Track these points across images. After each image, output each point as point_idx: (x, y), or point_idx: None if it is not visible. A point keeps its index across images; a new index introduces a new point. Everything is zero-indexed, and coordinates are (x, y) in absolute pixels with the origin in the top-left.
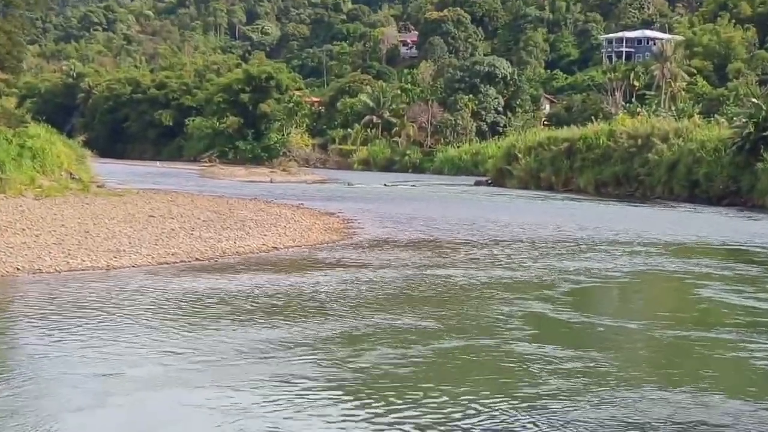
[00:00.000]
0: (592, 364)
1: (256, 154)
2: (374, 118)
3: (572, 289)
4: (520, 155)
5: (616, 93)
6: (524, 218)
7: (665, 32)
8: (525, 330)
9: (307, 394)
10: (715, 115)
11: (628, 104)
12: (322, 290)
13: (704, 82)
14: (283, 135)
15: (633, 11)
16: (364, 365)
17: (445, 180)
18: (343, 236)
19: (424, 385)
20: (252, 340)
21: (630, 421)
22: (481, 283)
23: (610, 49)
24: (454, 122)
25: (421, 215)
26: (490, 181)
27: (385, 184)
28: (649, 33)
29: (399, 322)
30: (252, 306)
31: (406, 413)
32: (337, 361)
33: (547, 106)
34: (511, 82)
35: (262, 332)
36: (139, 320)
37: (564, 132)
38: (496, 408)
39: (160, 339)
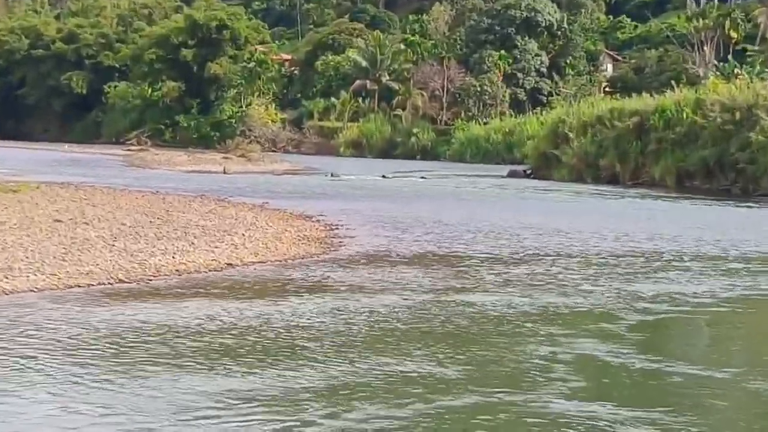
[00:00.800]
0: None
1: (204, 134)
2: (368, 84)
3: (642, 322)
4: (571, 135)
5: (705, 48)
6: (577, 223)
7: None
8: (575, 381)
9: None
10: None
11: (721, 64)
12: (296, 324)
13: None
14: (241, 107)
15: None
16: (352, 430)
17: (466, 169)
18: (325, 248)
19: None
20: (197, 395)
21: None
22: (517, 314)
23: None
24: (479, 89)
25: (433, 219)
26: (529, 171)
27: (383, 176)
28: None
29: (402, 369)
30: (197, 346)
31: None
32: (314, 425)
33: (610, 67)
34: (558, 32)
35: (212, 384)
36: (37, 367)
37: (633, 102)
38: None
39: (65, 394)
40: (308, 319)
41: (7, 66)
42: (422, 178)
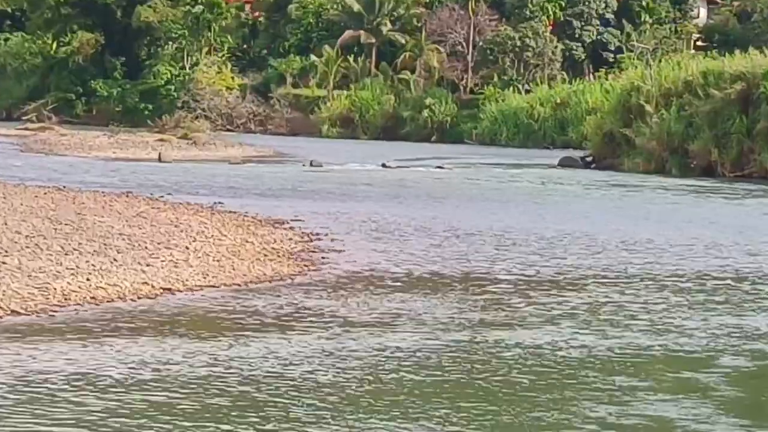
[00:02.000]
0: None
1: (131, 107)
2: (363, 36)
3: (762, 368)
4: (648, 108)
5: None
6: (658, 231)
7: None
8: None
9: None
10: None
11: None
12: (262, 378)
13: None
14: (183, 69)
15: None
16: None
17: (501, 156)
18: (303, 266)
19: None
20: None
21: None
22: (578, 361)
23: None
24: (519, 43)
25: (453, 227)
26: (589, 159)
27: (383, 165)
28: None
29: None
30: (115, 411)
31: None
32: None
33: (703, 12)
34: None
35: None
36: None
37: (736, 62)
38: None
39: None
40: (279, 370)
41: None
42: (438, 168)
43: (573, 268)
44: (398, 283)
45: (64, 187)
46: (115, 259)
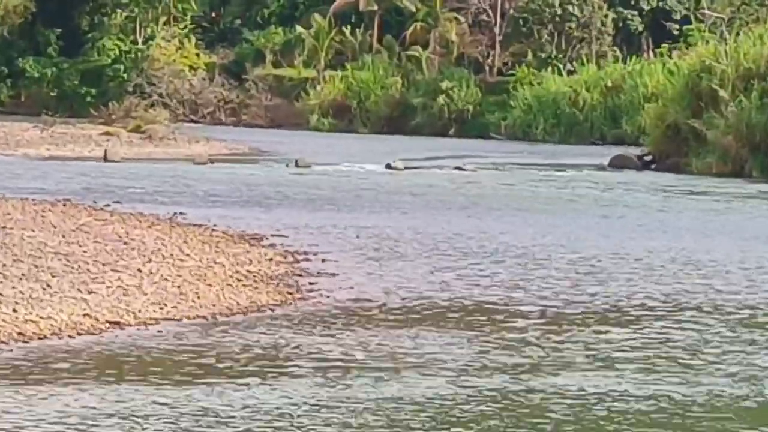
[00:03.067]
0: None
1: (70, 91)
2: (362, 2)
3: None
4: (723, 94)
5: None
6: (734, 250)
7: None
8: None
9: None
10: None
11: None
12: None
13: None
14: (134, 44)
15: None
16: None
17: (537, 154)
18: (285, 294)
19: None
20: None
21: None
22: (644, 414)
23: None
24: (560, 11)
25: (474, 242)
26: (649, 158)
27: (388, 167)
28: None
29: None
30: None
31: None
32: None
33: None
34: None
35: None
36: None
37: None
38: None
39: None
40: (261, 428)
41: None
42: (457, 170)
43: (625, 297)
44: (406, 316)
45: None
46: (48, 285)
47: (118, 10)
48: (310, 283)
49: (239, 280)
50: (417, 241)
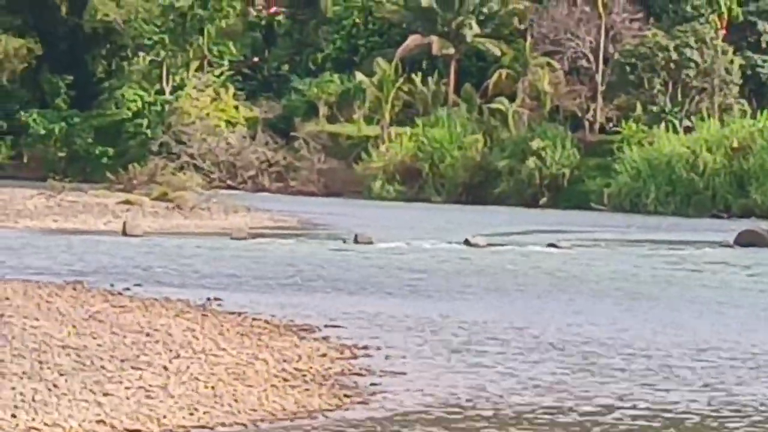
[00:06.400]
0: None
1: (81, 152)
2: (435, 44)
3: None
4: None
5: None
6: None
7: None
8: None
9: None
10: None
11: None
12: None
13: None
14: (160, 94)
15: None
16: None
17: (646, 227)
18: (343, 397)
19: None
20: None
21: None
22: None
23: None
24: (675, 56)
25: (571, 335)
26: None
27: (466, 242)
28: None
29: None
30: None
31: None
32: None
33: None
34: None
35: None
36: None
37: None
38: None
39: None
40: None
41: None
42: (551, 247)
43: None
44: (492, 425)
45: None
46: (55, 385)
47: (141, 54)
48: (372, 384)
49: (285, 380)
50: (500, 334)
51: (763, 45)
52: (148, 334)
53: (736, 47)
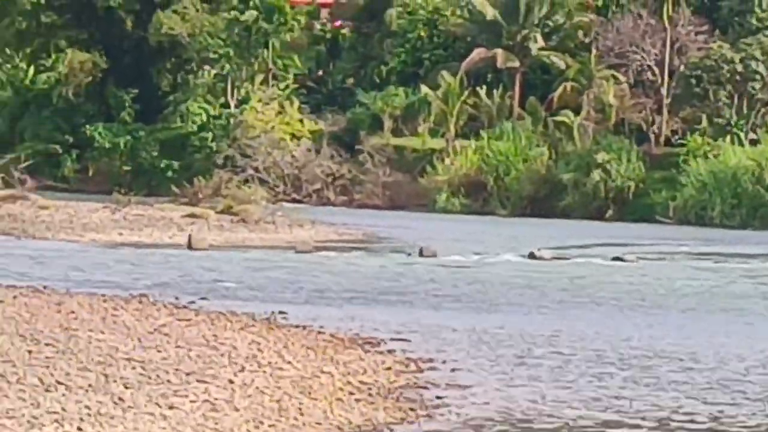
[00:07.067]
0: None
1: (147, 165)
2: (500, 57)
3: None
4: None
5: None
6: None
7: None
8: None
9: None
10: None
11: None
12: None
13: None
14: (225, 107)
15: None
16: None
17: (712, 240)
18: (408, 410)
19: None
20: None
21: None
22: None
23: None
24: (742, 68)
25: (638, 348)
26: None
27: (532, 255)
28: None
29: None
30: None
31: None
32: None
33: None
34: None
35: None
36: None
37: None
38: None
39: None
40: None
41: None
42: (617, 260)
43: None
44: None
45: (45, 287)
46: (120, 399)
47: (206, 68)
48: (437, 398)
49: (351, 394)
50: (562, 347)
51: None
52: (213, 348)
53: None
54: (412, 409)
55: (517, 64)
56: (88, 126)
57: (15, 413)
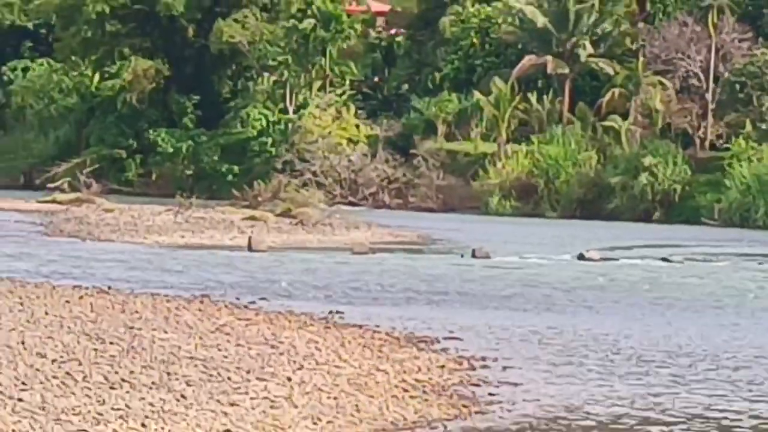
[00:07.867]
0: None
1: (208, 169)
2: (550, 63)
3: None
4: None
5: None
6: None
7: None
8: None
9: None
10: None
11: None
12: None
13: None
14: (284, 113)
15: None
16: None
17: (757, 242)
18: (461, 407)
19: None
20: None
21: None
22: None
23: None
24: None
25: (686, 348)
26: None
27: (581, 257)
28: None
29: None
30: None
31: None
32: None
33: None
34: None
35: None
36: None
37: None
38: None
39: None
40: None
41: None
42: (664, 260)
43: None
44: None
45: (110, 288)
46: (183, 396)
47: (265, 74)
48: (490, 395)
49: (405, 391)
50: (615, 347)
51: None
52: (272, 346)
53: None
54: (465, 406)
55: (566, 70)
56: (151, 131)
57: (81, 410)
